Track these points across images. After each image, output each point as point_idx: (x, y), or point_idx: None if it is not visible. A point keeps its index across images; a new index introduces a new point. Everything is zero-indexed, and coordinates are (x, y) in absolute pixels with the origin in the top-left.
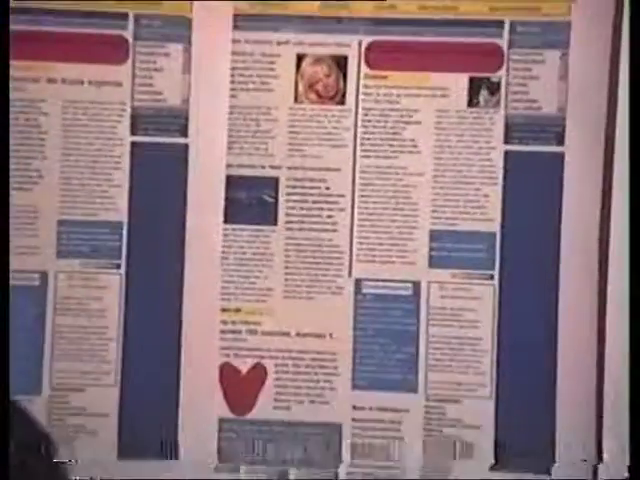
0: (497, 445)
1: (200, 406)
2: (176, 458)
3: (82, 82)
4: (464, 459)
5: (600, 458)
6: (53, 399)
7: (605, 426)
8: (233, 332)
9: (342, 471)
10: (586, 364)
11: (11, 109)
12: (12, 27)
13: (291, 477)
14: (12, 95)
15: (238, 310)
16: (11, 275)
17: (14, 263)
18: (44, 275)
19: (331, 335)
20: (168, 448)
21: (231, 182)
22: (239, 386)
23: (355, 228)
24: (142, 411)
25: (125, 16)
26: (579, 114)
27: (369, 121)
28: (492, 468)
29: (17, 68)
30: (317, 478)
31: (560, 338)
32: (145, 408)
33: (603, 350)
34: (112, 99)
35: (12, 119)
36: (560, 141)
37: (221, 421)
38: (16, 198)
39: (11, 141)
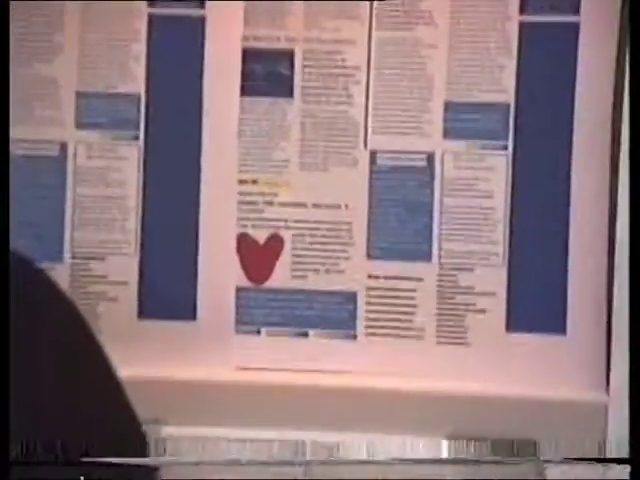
0: (510, 311)
1: (218, 275)
2: (194, 319)
3: None
4: (478, 323)
5: (610, 320)
6: (75, 267)
7: (615, 290)
8: (250, 203)
9: (360, 332)
10: (597, 231)
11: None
12: None
13: (311, 336)
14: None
15: (255, 181)
16: (31, 145)
17: (34, 133)
18: (64, 145)
19: (346, 206)
20: (187, 311)
21: (247, 55)
22: (256, 256)
23: (370, 100)
24: (161, 279)
25: None
26: None
27: None
28: (507, 330)
29: None
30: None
31: (572, 207)
32: (164, 276)
33: (614, 220)
34: None
35: None
36: (576, 11)
37: (238, 289)
38: (37, 69)
39: (32, 13)
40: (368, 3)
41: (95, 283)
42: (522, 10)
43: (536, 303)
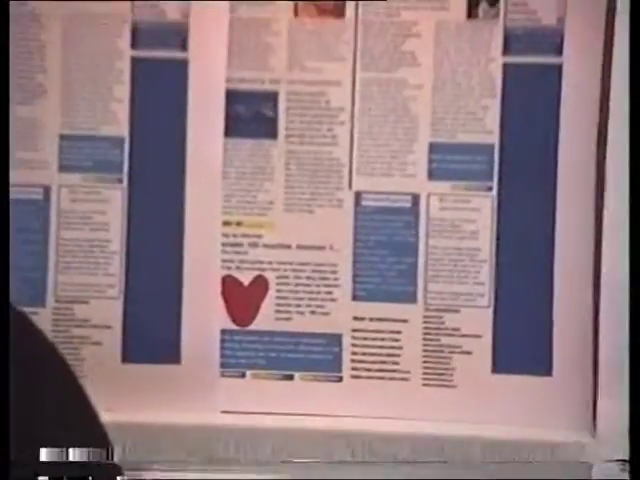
0: (495, 352)
1: (202, 318)
2: (178, 363)
3: None
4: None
5: (596, 361)
6: (58, 311)
7: (601, 330)
8: (235, 245)
9: (345, 374)
10: (582, 272)
11: (12, 24)
12: None
13: (296, 379)
14: (13, 10)
15: (239, 223)
16: (14, 189)
17: (17, 177)
18: (47, 189)
19: (331, 247)
20: (171, 354)
21: (231, 96)
22: (241, 298)
23: (355, 141)
24: (145, 322)
25: None
26: (578, 25)
27: (369, 34)
28: (493, 372)
29: None
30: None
31: (557, 248)
32: (148, 320)
33: (599, 259)
34: (112, 13)
35: (13, 33)
36: (559, 52)
37: (223, 332)
38: (18, 112)
39: (12, 55)
40: (352, 44)
41: (78, 327)
42: (505, 51)
43: (522, 344)
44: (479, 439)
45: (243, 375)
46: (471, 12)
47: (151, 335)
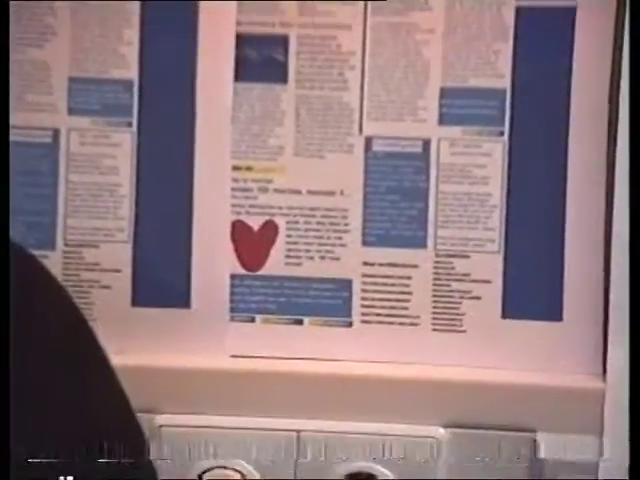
0: (505, 297)
1: (212, 262)
2: (188, 307)
3: None
4: (473, 310)
5: (607, 307)
6: (67, 254)
7: (612, 276)
8: (244, 190)
9: (355, 319)
10: (594, 219)
11: None
12: None
13: (306, 324)
14: None
15: (249, 168)
16: (23, 132)
17: (26, 120)
18: (56, 132)
19: (342, 192)
20: (181, 298)
21: (241, 40)
22: (251, 243)
23: (365, 86)
24: (155, 267)
25: None
26: None
27: None
28: (503, 317)
29: None
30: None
31: (569, 194)
32: (157, 264)
33: (611, 205)
34: None
35: None
36: None
37: (233, 277)
38: (28, 54)
39: None
40: None
41: (88, 270)
42: None
43: (532, 290)
44: (488, 384)
45: (253, 320)
46: None
47: (161, 279)
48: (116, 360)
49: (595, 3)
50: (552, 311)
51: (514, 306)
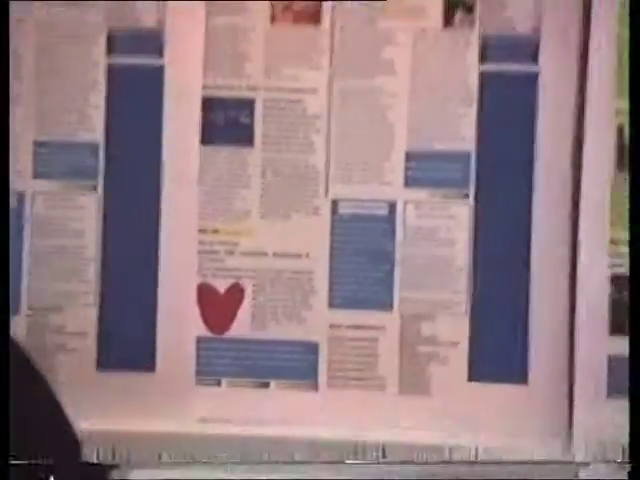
0: (472, 360)
1: (178, 325)
2: (153, 371)
3: (58, 3)
4: (440, 373)
5: (572, 370)
6: (32, 318)
7: (577, 342)
8: (211, 252)
9: (321, 382)
10: (559, 281)
11: None
12: None
13: (272, 387)
14: None
15: (216, 231)
16: None
17: None
18: (21, 196)
19: (308, 255)
20: (146, 362)
21: (207, 103)
22: (217, 305)
23: (332, 149)
24: (120, 330)
25: None
26: (553, 33)
27: (346, 42)
28: (469, 380)
29: None
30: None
31: (533, 256)
32: (123, 327)
33: (575, 267)
34: (88, 20)
35: None
36: (535, 60)
37: (199, 340)
38: None
39: None
40: (329, 51)
41: (53, 334)
42: (482, 59)
43: (498, 352)
44: (454, 447)
45: (219, 383)
46: (448, 20)
47: (126, 342)
48: (82, 424)
49: (556, 70)
50: (518, 374)
51: (480, 369)
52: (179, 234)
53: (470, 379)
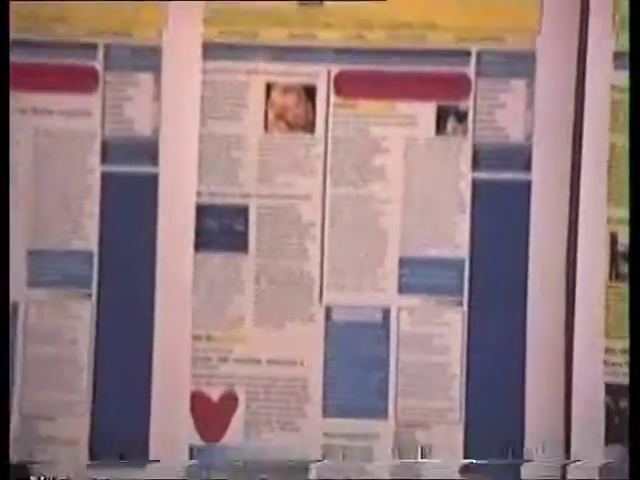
0: (466, 467)
1: (171, 434)
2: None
3: (52, 112)
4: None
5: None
6: (23, 427)
7: (572, 452)
8: (204, 359)
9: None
10: (554, 388)
11: None
12: None
13: None
14: None
15: (209, 337)
16: None
17: None
18: (15, 305)
19: (302, 362)
20: (138, 473)
21: (201, 210)
22: (210, 414)
23: (325, 256)
24: (113, 440)
25: (95, 47)
26: (546, 142)
27: (338, 149)
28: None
29: None
30: None
31: (528, 364)
32: (116, 437)
33: (571, 375)
34: (82, 129)
35: None
36: (527, 168)
37: (192, 448)
38: None
39: None
40: (322, 159)
41: (44, 443)
42: (474, 167)
43: (493, 460)
44: None
45: None
46: (440, 128)
47: (118, 453)
48: None
49: (549, 178)
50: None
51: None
52: (172, 341)
53: None
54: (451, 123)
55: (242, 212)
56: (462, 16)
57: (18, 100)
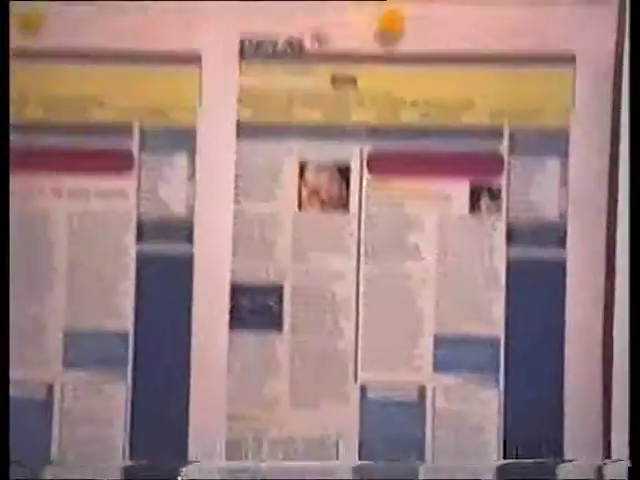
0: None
1: None
2: None
3: (88, 193)
4: None
5: None
6: None
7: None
8: (239, 441)
9: None
10: (591, 464)
11: (18, 221)
12: (16, 144)
13: None
14: (18, 208)
15: (244, 418)
16: (17, 386)
17: (20, 374)
18: (50, 387)
19: (337, 442)
20: None
21: (236, 289)
22: None
23: (360, 334)
24: None
25: (130, 128)
26: (580, 219)
27: (372, 227)
28: None
29: (23, 181)
30: None
31: (566, 446)
32: None
33: (610, 451)
34: (118, 209)
35: (19, 231)
36: (562, 246)
37: None
38: (25, 309)
39: (19, 253)
40: (356, 237)
41: None
42: (508, 244)
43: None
44: None
45: None
46: (474, 206)
47: None
48: None
49: (584, 255)
50: None
51: None
52: (207, 422)
53: None
54: (485, 201)
55: (277, 290)
56: (496, 94)
57: (52, 182)
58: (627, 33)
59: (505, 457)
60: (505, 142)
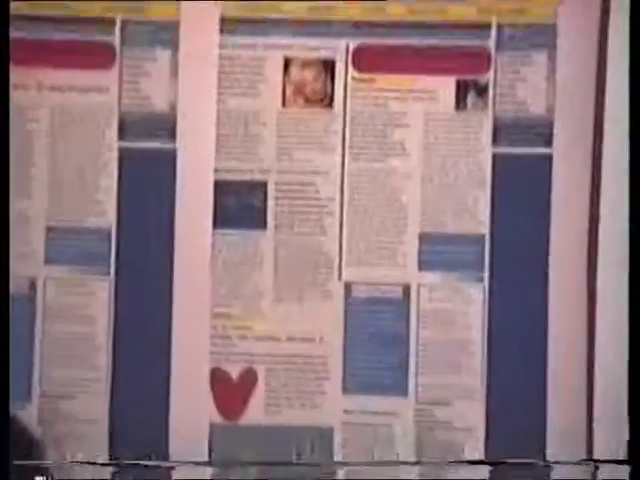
0: (487, 445)
1: (191, 411)
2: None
3: (70, 88)
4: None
5: (591, 454)
6: (43, 406)
7: (595, 422)
8: (223, 337)
9: (340, 472)
10: (577, 362)
11: None
12: None
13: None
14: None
15: (228, 315)
16: None
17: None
18: (33, 283)
19: (321, 339)
20: (159, 449)
21: (219, 187)
22: (230, 391)
23: (344, 232)
24: (132, 417)
25: (112, 22)
26: (567, 115)
27: (357, 124)
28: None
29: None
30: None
31: (550, 339)
32: (135, 414)
33: (593, 348)
34: (100, 105)
35: None
36: (548, 142)
37: (212, 426)
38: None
39: None
40: (341, 134)
41: (64, 422)
42: (494, 141)
43: (515, 437)
44: None
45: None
46: (459, 103)
47: (138, 430)
48: None
49: (571, 151)
50: (535, 458)
51: (496, 454)
52: (191, 319)
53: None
54: (471, 97)
55: (260, 188)
56: None
57: (34, 77)
58: None
59: (489, 354)
60: (492, 37)
